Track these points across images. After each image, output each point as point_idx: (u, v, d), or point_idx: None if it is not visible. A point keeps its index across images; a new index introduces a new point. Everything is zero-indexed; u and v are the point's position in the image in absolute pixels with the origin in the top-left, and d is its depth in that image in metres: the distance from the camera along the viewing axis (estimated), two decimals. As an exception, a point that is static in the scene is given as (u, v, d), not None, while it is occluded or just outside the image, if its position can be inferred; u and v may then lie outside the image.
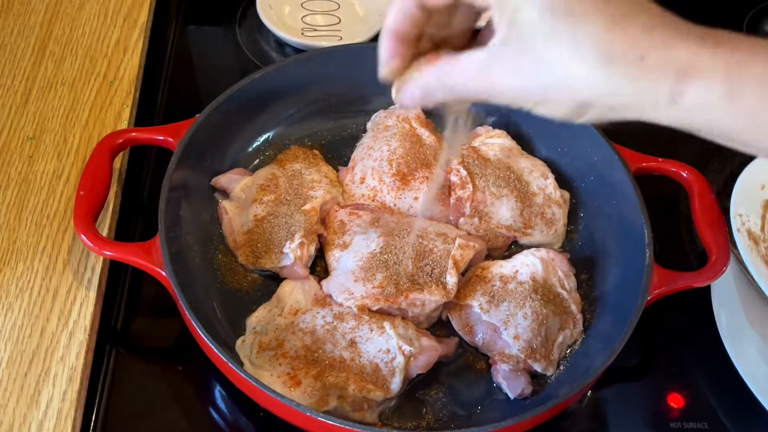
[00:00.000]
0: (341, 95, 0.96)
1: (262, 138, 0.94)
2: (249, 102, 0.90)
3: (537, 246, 0.86)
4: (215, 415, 0.77)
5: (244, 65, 1.08)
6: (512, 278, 0.81)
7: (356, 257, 0.80)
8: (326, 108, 0.96)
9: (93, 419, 0.75)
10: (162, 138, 0.84)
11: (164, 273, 0.73)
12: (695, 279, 0.78)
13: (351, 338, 0.75)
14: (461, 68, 0.51)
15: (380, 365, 0.74)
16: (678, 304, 0.86)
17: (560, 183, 0.90)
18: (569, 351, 0.80)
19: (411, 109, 0.92)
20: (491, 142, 0.91)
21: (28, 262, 0.80)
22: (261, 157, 0.93)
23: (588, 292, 0.84)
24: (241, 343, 0.76)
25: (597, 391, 0.81)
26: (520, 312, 0.77)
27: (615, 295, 0.82)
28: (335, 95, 0.96)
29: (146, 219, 0.89)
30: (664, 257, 0.80)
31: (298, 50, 1.08)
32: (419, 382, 0.77)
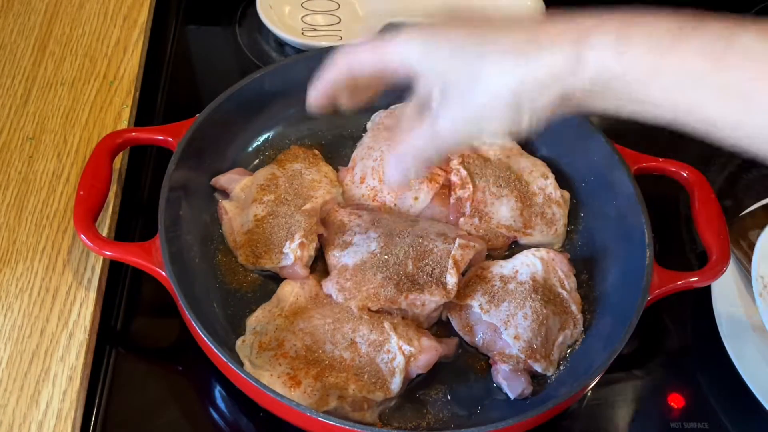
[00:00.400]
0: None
1: (262, 138, 0.94)
2: (249, 102, 0.90)
3: (537, 246, 0.85)
4: (215, 415, 0.77)
5: (244, 65, 1.08)
6: (512, 278, 0.81)
7: (356, 257, 0.80)
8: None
9: (93, 419, 0.75)
10: (162, 138, 0.84)
11: (164, 273, 0.73)
12: (695, 279, 0.78)
13: (351, 338, 0.75)
14: (417, 132, 0.60)
15: (380, 365, 0.74)
16: (678, 304, 0.86)
17: (560, 183, 0.90)
18: (569, 351, 0.80)
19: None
20: (491, 142, 0.91)
21: (28, 262, 0.80)
22: (261, 157, 0.93)
23: (588, 292, 0.84)
24: (241, 344, 0.76)
25: (597, 391, 0.81)
26: (520, 312, 0.77)
27: (615, 295, 0.81)
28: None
29: (146, 219, 0.88)
30: (664, 257, 0.80)
31: (298, 50, 1.07)
32: (419, 382, 0.77)
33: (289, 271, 0.81)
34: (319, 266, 0.84)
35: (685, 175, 0.86)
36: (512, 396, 0.76)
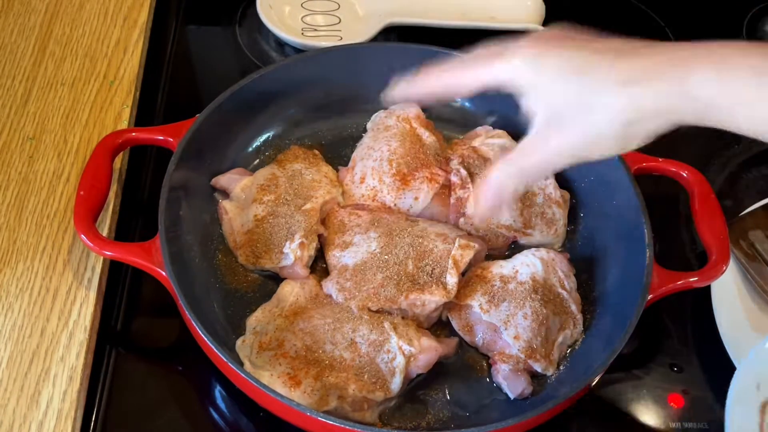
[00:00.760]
0: (341, 95, 0.96)
1: (262, 138, 0.94)
2: (249, 102, 0.90)
3: (537, 246, 0.86)
4: (215, 415, 0.77)
5: (244, 65, 1.08)
6: (512, 278, 0.81)
7: (356, 257, 0.80)
8: (326, 108, 0.96)
9: (93, 419, 0.75)
10: (162, 138, 0.84)
11: (164, 273, 0.73)
12: (695, 279, 0.78)
13: (351, 338, 0.75)
14: (522, 151, 0.62)
15: (380, 365, 0.74)
16: (678, 304, 0.86)
17: (560, 183, 0.90)
18: (569, 351, 0.80)
19: (411, 110, 0.92)
20: (491, 142, 0.91)
21: (28, 262, 0.80)
22: (261, 157, 0.93)
23: (588, 292, 0.84)
24: (241, 343, 0.76)
25: (597, 391, 0.81)
26: (520, 312, 0.77)
27: (615, 295, 0.82)
28: (335, 95, 0.96)
29: (146, 219, 0.88)
30: (664, 257, 0.80)
31: (298, 50, 1.07)
32: (419, 382, 0.77)
33: (289, 271, 0.81)
34: (319, 266, 0.84)
35: (685, 175, 0.86)
36: (512, 396, 0.77)
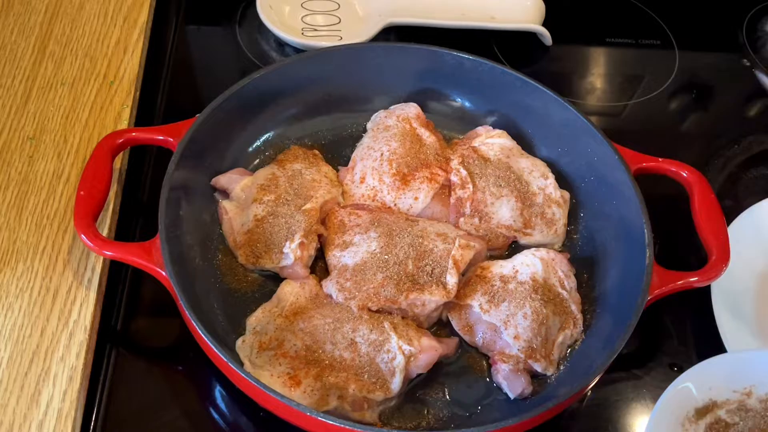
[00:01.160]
0: (341, 95, 0.96)
1: (262, 138, 0.94)
2: (249, 102, 0.90)
3: (537, 246, 0.86)
4: (215, 415, 0.77)
5: (244, 65, 1.08)
6: (512, 278, 0.81)
7: (356, 257, 0.80)
8: (326, 108, 0.96)
9: (93, 419, 0.75)
10: (162, 138, 0.84)
11: (164, 273, 0.73)
12: (695, 279, 0.78)
13: (351, 338, 0.75)
14: None
15: (380, 365, 0.74)
16: (678, 304, 0.86)
17: (560, 183, 0.90)
18: (569, 351, 0.80)
19: (411, 110, 0.92)
20: (491, 142, 0.91)
21: (28, 262, 0.80)
22: (261, 157, 0.93)
23: (588, 292, 0.84)
24: (241, 343, 0.76)
25: (597, 391, 0.81)
26: (520, 312, 0.77)
27: (615, 295, 0.82)
28: (335, 95, 0.96)
29: (146, 219, 0.89)
30: (664, 257, 0.80)
31: (298, 50, 1.08)
32: (419, 382, 0.77)
33: (289, 271, 0.81)
34: (319, 266, 0.84)
35: (685, 175, 0.86)
36: (512, 396, 0.77)
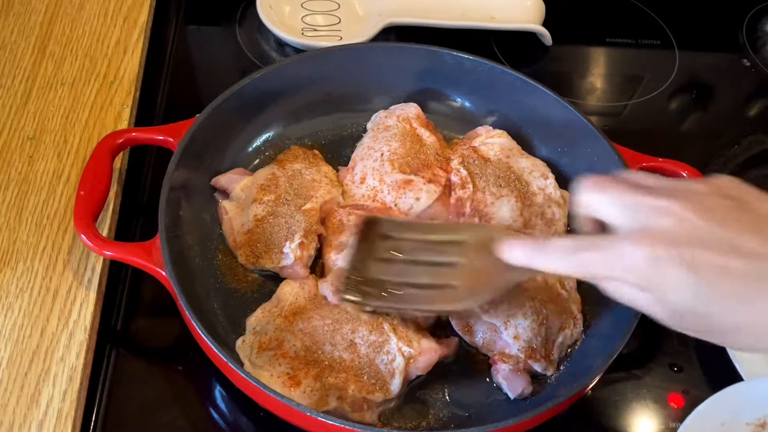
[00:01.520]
0: (341, 95, 0.96)
1: (262, 138, 0.94)
2: (249, 102, 0.90)
3: (537, 246, 0.85)
4: (215, 415, 0.77)
5: (244, 65, 1.08)
6: (512, 278, 0.81)
7: (356, 257, 0.80)
8: (326, 108, 0.96)
9: (93, 419, 0.75)
10: (162, 138, 0.84)
11: (164, 273, 0.73)
12: (695, 279, 0.78)
13: (350, 339, 0.75)
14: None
15: (380, 366, 0.74)
16: (678, 304, 0.86)
17: (560, 183, 0.90)
18: (569, 351, 0.80)
19: (411, 110, 0.92)
20: (491, 142, 0.91)
21: (28, 262, 0.80)
22: (261, 157, 0.93)
23: (588, 292, 0.84)
24: (241, 343, 0.76)
25: (597, 391, 0.81)
26: (520, 312, 0.77)
27: (615, 295, 0.81)
28: (335, 95, 0.96)
29: (146, 219, 0.89)
30: (664, 257, 0.80)
31: (298, 50, 1.08)
32: (419, 383, 0.77)
33: (289, 271, 0.81)
34: (320, 266, 0.84)
35: (685, 175, 0.86)
36: (512, 396, 0.76)
